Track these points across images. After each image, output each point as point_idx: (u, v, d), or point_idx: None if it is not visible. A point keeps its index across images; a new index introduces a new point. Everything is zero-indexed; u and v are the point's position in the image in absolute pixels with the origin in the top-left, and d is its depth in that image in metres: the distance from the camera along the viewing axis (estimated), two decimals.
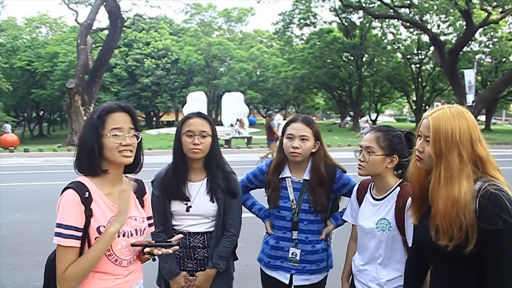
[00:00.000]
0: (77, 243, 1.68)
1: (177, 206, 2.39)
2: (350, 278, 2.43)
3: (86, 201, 1.71)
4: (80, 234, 1.68)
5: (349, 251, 2.47)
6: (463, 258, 1.58)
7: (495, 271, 1.54)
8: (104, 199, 1.78)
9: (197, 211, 2.40)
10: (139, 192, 1.96)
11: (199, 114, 2.42)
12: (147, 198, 2.02)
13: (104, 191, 1.79)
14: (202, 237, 2.41)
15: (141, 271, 1.95)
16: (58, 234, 1.67)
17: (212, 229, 2.42)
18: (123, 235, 1.79)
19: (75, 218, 1.68)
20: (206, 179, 2.43)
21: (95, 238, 1.71)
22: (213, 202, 2.39)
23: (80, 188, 1.72)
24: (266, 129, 14.93)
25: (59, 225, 1.67)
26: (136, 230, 1.85)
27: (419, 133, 1.75)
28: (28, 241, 5.70)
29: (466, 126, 1.62)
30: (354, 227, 2.45)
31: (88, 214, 1.70)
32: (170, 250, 1.84)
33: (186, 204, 2.39)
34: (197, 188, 2.41)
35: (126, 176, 1.94)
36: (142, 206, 1.95)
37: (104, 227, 1.74)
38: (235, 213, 2.46)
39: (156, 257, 1.88)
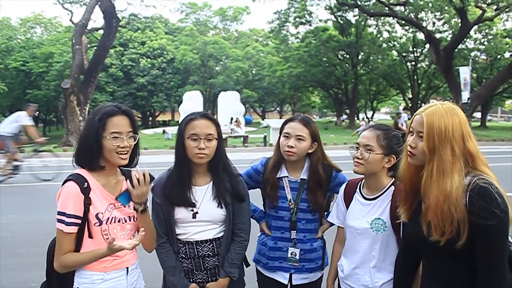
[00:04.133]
0: (76, 229, 1.89)
1: (182, 213, 2.23)
2: (336, 282, 2.39)
3: (85, 191, 1.90)
4: (79, 221, 1.89)
5: (335, 254, 2.42)
6: (455, 252, 1.61)
7: (487, 265, 1.58)
8: (100, 189, 1.97)
9: (204, 217, 2.25)
10: (131, 181, 2.05)
11: (204, 115, 2.25)
12: None
13: (100, 182, 1.98)
14: (211, 245, 2.25)
15: (136, 253, 2.14)
16: (60, 221, 1.88)
17: (221, 234, 2.28)
18: (118, 221, 1.99)
19: (75, 207, 1.87)
20: (211, 182, 2.29)
21: (94, 224, 1.92)
22: (221, 207, 2.25)
23: (79, 180, 1.92)
24: (394, 126, 17.19)
25: (62, 213, 1.88)
26: (129, 217, 2.04)
27: (411, 129, 1.76)
28: (25, 242, 5.68)
29: (458, 122, 1.65)
30: (339, 229, 2.41)
31: (87, 202, 1.90)
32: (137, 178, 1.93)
33: (192, 211, 2.23)
34: (203, 193, 2.26)
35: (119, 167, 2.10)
36: None
37: (102, 213, 1.94)
38: (245, 217, 2.35)
39: (147, 207, 2.03)
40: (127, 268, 2.05)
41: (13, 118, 10.63)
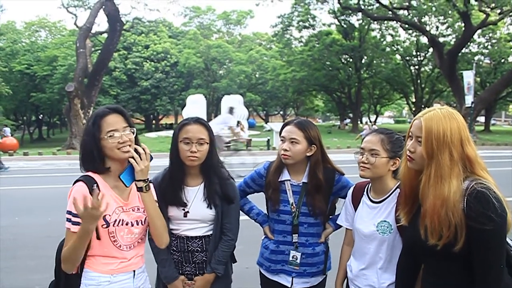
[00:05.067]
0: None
1: (174, 212, 2.37)
2: (345, 283, 2.41)
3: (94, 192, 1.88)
4: None
5: (343, 256, 2.45)
6: (453, 256, 1.61)
7: (484, 269, 1.58)
8: (109, 191, 1.98)
9: (194, 216, 2.37)
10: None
11: (197, 120, 2.37)
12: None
13: (110, 184, 2.00)
14: (200, 241, 2.39)
15: (143, 257, 2.15)
16: (67, 220, 1.90)
17: (210, 232, 2.40)
18: (126, 224, 2.00)
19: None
20: (203, 184, 2.41)
21: (102, 225, 1.93)
22: (211, 208, 2.37)
23: (89, 181, 1.94)
24: None
25: (69, 212, 1.89)
26: (137, 221, 2.04)
27: (410, 133, 1.77)
28: (28, 245, 5.70)
29: (456, 127, 1.65)
30: (348, 231, 2.43)
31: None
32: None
33: (184, 210, 2.36)
34: (194, 193, 2.39)
35: None
36: None
37: (110, 215, 1.95)
38: (233, 218, 2.44)
39: (151, 183, 2.06)
40: (134, 271, 2.06)
41: (221, 120, 11.80)
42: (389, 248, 2.14)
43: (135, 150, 1.97)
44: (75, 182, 1.96)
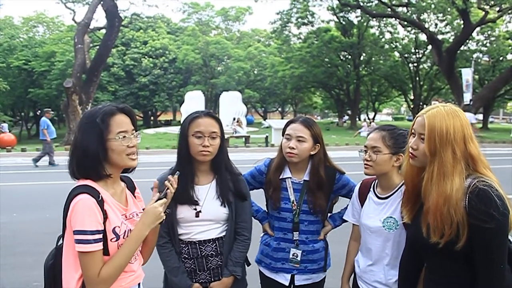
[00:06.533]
0: (101, 245, 1.68)
1: (184, 212, 2.22)
2: (351, 279, 2.42)
3: (100, 204, 1.69)
4: (101, 236, 1.68)
5: (350, 251, 2.45)
6: (455, 254, 1.61)
7: (486, 267, 1.58)
8: (112, 200, 1.78)
9: (207, 216, 2.24)
10: (131, 188, 1.97)
11: (208, 113, 2.25)
12: (138, 192, 2.02)
13: (109, 192, 1.79)
14: (214, 244, 2.25)
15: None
16: (83, 241, 1.64)
17: (224, 234, 2.28)
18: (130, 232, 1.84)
19: (97, 222, 1.66)
20: (214, 181, 2.29)
21: (111, 239, 1.72)
22: (224, 206, 2.25)
23: (93, 192, 1.69)
24: None
25: (83, 232, 1.64)
26: None
27: (413, 130, 1.76)
28: (26, 241, 5.70)
29: (459, 124, 1.65)
30: (355, 227, 2.44)
31: (104, 216, 1.70)
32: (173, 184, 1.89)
33: (195, 209, 2.22)
34: (206, 192, 2.26)
35: None
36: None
37: (119, 227, 1.75)
38: (247, 216, 2.36)
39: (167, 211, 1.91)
40: (139, 284, 1.92)
41: None
42: (395, 244, 2.15)
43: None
44: (75, 195, 1.68)
